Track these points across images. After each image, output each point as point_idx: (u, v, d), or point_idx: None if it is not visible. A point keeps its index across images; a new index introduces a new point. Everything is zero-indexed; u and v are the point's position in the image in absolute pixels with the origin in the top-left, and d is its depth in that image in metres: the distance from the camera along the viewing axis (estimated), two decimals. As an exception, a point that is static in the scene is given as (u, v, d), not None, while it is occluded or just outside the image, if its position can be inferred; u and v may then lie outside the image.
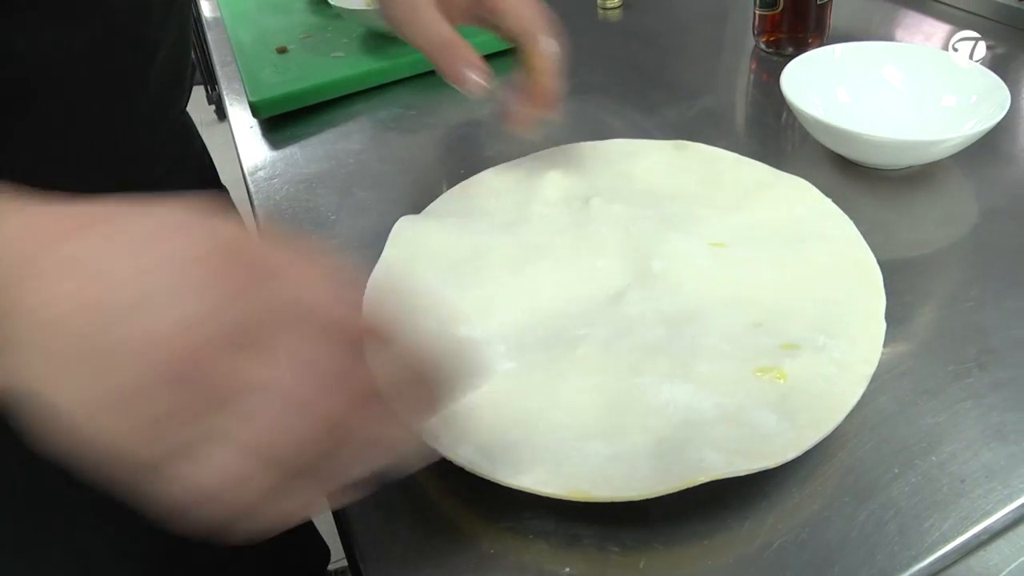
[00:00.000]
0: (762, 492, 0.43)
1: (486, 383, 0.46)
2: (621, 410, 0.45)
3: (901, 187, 0.64)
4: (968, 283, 0.55)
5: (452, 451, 0.43)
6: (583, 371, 0.47)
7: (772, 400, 0.44)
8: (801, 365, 0.46)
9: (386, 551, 0.43)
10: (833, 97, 0.70)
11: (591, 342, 0.49)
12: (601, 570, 0.41)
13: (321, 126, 0.82)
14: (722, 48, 0.94)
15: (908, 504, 0.42)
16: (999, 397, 0.47)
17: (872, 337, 0.46)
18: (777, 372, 0.46)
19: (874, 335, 0.46)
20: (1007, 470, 0.43)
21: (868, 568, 0.39)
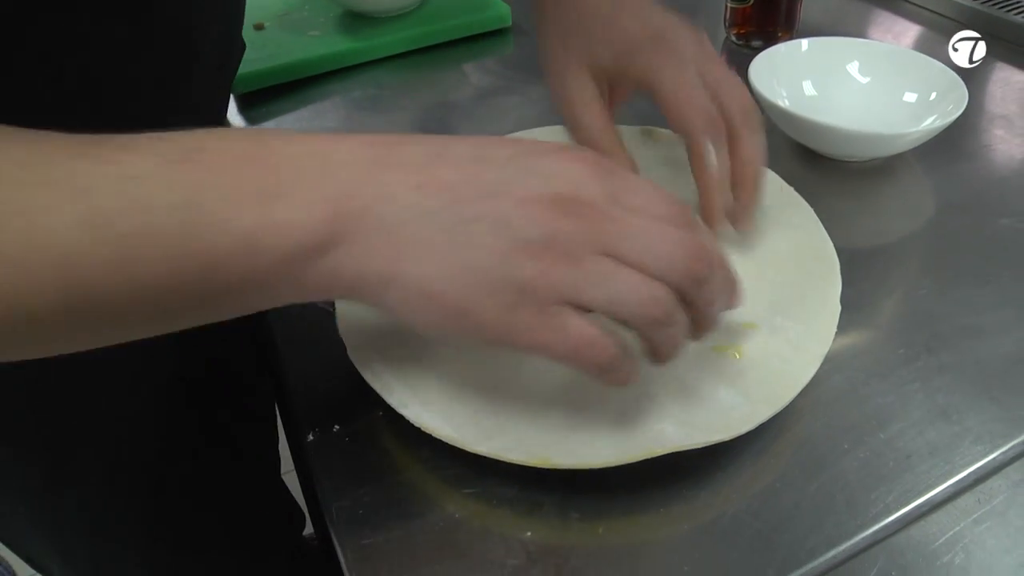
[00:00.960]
0: (717, 464, 0.45)
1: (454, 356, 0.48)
2: (582, 384, 0.46)
3: (862, 179, 0.66)
4: (922, 273, 0.57)
5: (419, 419, 0.44)
6: None
7: (729, 376, 0.46)
8: (758, 344, 0.48)
9: (354, 514, 0.44)
10: (799, 90, 0.72)
11: None
12: (561, 535, 0.42)
13: (296, 104, 0.83)
14: (694, 40, 0.95)
15: (856, 477, 0.44)
16: (945, 380, 0.49)
17: (827, 320, 0.48)
18: (735, 350, 0.47)
19: (829, 318, 0.48)
20: (949, 448, 0.45)
21: (816, 536, 0.41)
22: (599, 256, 0.36)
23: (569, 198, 0.36)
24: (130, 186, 0.32)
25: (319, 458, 0.47)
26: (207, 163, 0.34)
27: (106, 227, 0.31)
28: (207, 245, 0.33)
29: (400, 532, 0.43)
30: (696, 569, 0.40)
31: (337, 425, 0.49)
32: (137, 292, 0.33)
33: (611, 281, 0.36)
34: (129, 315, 0.34)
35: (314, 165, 0.35)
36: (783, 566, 0.40)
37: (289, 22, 0.92)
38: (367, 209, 0.35)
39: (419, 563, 0.42)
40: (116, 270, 0.32)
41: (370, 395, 0.46)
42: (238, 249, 0.34)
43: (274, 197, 0.34)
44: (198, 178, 0.33)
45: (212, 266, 0.34)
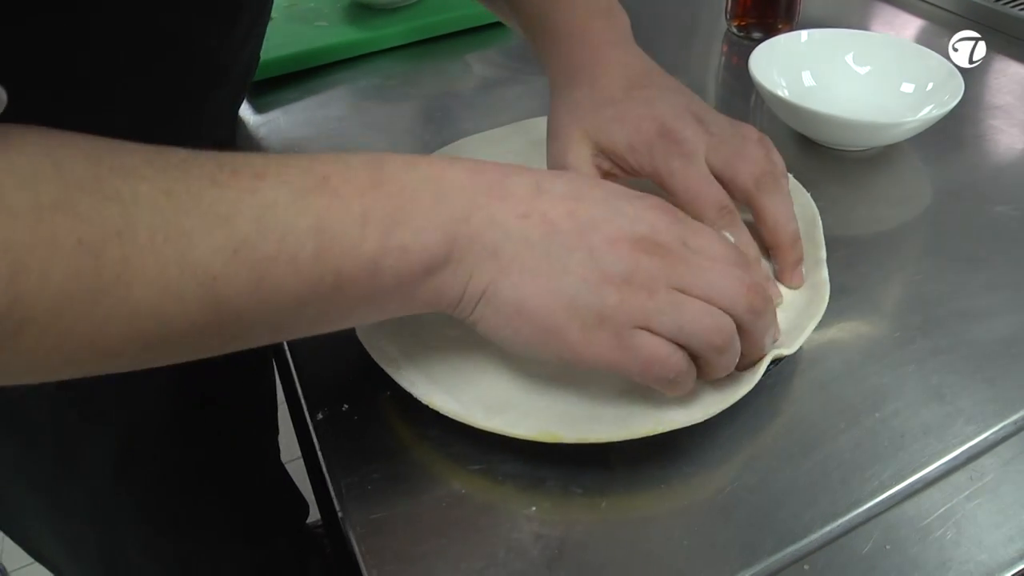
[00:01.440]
0: (716, 443, 0.46)
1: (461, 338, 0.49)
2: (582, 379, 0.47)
3: (861, 168, 0.67)
4: (918, 258, 0.58)
5: (427, 397, 0.45)
6: None
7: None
8: None
9: (362, 490, 0.45)
10: (799, 80, 0.73)
11: None
12: (564, 510, 0.44)
13: (304, 92, 0.84)
14: (694, 30, 0.96)
15: (851, 456, 0.45)
16: (939, 362, 0.50)
17: (816, 298, 0.49)
18: None
19: (818, 300, 0.49)
20: (942, 427, 0.46)
21: (812, 511, 0.42)
22: (670, 289, 0.41)
23: (648, 239, 0.42)
24: (267, 213, 0.35)
25: (328, 436, 0.48)
26: (334, 191, 0.37)
27: (247, 252, 0.34)
28: (336, 268, 0.37)
29: (407, 507, 0.44)
30: (695, 543, 0.41)
31: (346, 405, 0.50)
32: (270, 308, 0.36)
33: (680, 311, 0.41)
34: (258, 329, 0.38)
35: (429, 191, 0.40)
36: (780, 540, 0.41)
37: (296, 13, 0.93)
38: (477, 234, 0.40)
39: (426, 537, 0.43)
40: (254, 291, 0.35)
41: (378, 376, 0.48)
42: (363, 271, 0.37)
43: (396, 224, 0.38)
44: (327, 205, 0.37)
45: (338, 287, 0.37)
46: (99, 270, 0.31)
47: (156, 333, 0.34)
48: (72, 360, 0.33)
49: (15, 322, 0.29)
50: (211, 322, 0.35)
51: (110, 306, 0.32)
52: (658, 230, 0.42)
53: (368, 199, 0.38)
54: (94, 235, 0.30)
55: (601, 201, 0.43)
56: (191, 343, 0.36)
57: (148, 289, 0.32)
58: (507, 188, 0.41)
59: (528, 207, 0.41)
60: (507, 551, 0.42)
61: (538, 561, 0.41)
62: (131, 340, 0.33)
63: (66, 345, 0.32)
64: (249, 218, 0.34)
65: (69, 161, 0.31)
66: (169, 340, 0.34)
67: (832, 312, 0.52)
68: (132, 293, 0.32)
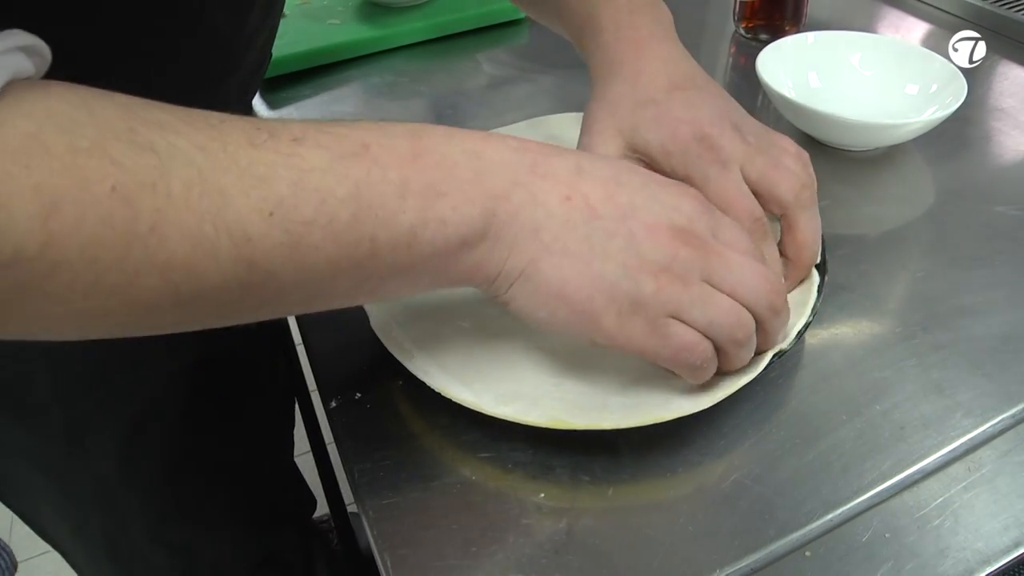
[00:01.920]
0: (720, 433, 0.47)
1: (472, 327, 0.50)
2: (595, 355, 0.48)
3: (865, 167, 0.68)
4: (920, 257, 0.59)
5: (440, 386, 0.47)
6: None
7: None
8: None
9: (374, 476, 0.46)
10: (805, 81, 0.74)
11: None
12: (572, 496, 0.45)
13: (317, 89, 0.85)
14: (703, 32, 0.97)
15: (853, 447, 0.46)
16: (939, 357, 0.51)
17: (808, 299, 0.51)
18: None
19: (808, 297, 0.51)
20: (942, 420, 0.47)
21: (814, 500, 0.43)
22: (702, 282, 0.42)
23: (685, 228, 0.43)
24: (305, 178, 0.35)
25: (341, 424, 0.50)
26: (374, 159, 0.37)
27: (283, 214, 0.35)
28: (373, 235, 0.37)
29: (418, 493, 0.45)
30: (700, 529, 0.43)
31: (359, 393, 0.51)
32: (304, 273, 0.36)
33: (710, 305, 0.42)
34: (291, 294, 0.38)
35: (470, 164, 0.40)
36: (783, 528, 0.42)
37: (309, 10, 0.94)
38: (518, 212, 0.40)
39: (436, 521, 0.44)
40: (289, 253, 0.35)
41: (390, 365, 0.49)
42: (400, 241, 0.38)
43: (436, 195, 0.38)
44: (366, 172, 0.37)
45: (374, 254, 0.37)
46: (133, 219, 0.31)
47: (189, 288, 0.34)
48: (105, 311, 0.33)
49: (48, 263, 0.30)
50: (244, 282, 0.35)
51: (143, 256, 0.32)
52: (693, 220, 0.43)
53: (408, 169, 0.38)
54: (129, 183, 0.31)
55: (640, 187, 0.43)
56: (224, 303, 0.36)
57: (182, 243, 0.32)
58: (550, 167, 0.42)
59: (571, 189, 0.42)
60: (516, 536, 0.43)
61: (546, 546, 0.42)
62: (163, 294, 0.33)
63: (98, 293, 0.32)
64: (287, 181, 0.35)
65: (105, 111, 0.32)
66: (202, 297, 0.35)
67: (835, 308, 0.54)
68: (165, 245, 0.32)
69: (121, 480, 0.68)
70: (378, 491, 0.46)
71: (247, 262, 0.34)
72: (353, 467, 0.47)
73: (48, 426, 0.62)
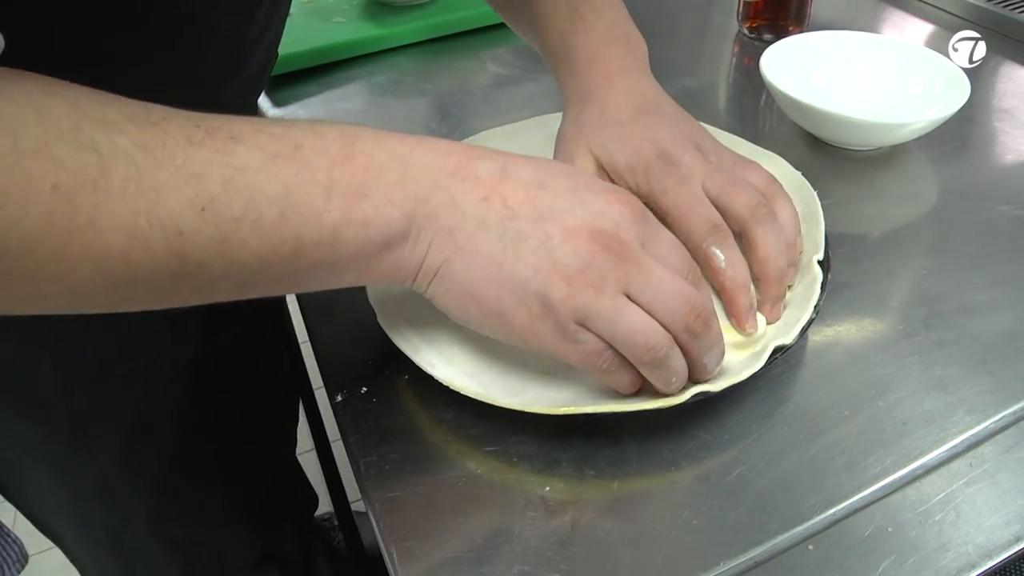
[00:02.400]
0: (724, 427, 0.47)
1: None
2: None
3: (868, 167, 0.69)
4: (923, 255, 0.59)
5: (447, 378, 0.47)
6: None
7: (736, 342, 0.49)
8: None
9: (380, 469, 0.47)
10: (809, 81, 0.74)
11: None
12: (578, 490, 0.45)
13: (322, 87, 0.85)
14: (707, 32, 0.98)
15: (855, 442, 0.46)
16: (942, 354, 0.51)
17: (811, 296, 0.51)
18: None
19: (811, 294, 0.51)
20: (944, 416, 0.47)
21: (817, 494, 0.44)
22: (618, 293, 0.42)
23: (607, 233, 0.42)
24: (237, 175, 0.37)
25: (348, 417, 0.50)
26: (304, 160, 0.39)
27: (214, 210, 0.36)
28: (298, 233, 0.38)
29: (424, 486, 0.46)
30: (704, 523, 0.43)
31: (364, 387, 0.51)
32: (232, 267, 0.38)
33: (620, 319, 0.42)
34: (221, 283, 0.39)
35: (395, 168, 0.41)
36: (786, 522, 0.43)
37: (315, 9, 0.95)
38: (436, 213, 0.41)
39: (443, 514, 0.44)
40: (218, 247, 0.37)
41: (396, 359, 0.49)
42: (324, 239, 0.39)
43: (360, 197, 0.40)
44: (296, 173, 0.38)
45: (299, 251, 0.39)
46: (72, 214, 0.33)
47: (123, 276, 0.36)
48: (43, 295, 0.35)
49: None
50: (176, 272, 0.37)
51: (81, 248, 0.34)
52: (620, 226, 0.43)
53: (336, 171, 0.39)
54: (69, 181, 0.33)
55: (565, 191, 0.43)
56: (157, 290, 0.38)
57: (117, 236, 0.34)
58: (472, 170, 0.43)
59: (490, 190, 0.42)
60: (522, 529, 0.43)
61: (552, 539, 0.43)
62: (99, 282, 0.35)
63: (36, 279, 0.34)
64: (219, 179, 0.36)
65: (51, 110, 0.33)
66: (135, 284, 0.36)
67: (839, 306, 0.54)
68: (101, 238, 0.34)
69: (123, 474, 0.68)
70: (384, 484, 0.46)
71: (179, 254, 0.36)
72: (359, 460, 0.47)
73: (52, 420, 0.62)
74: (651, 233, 0.45)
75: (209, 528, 0.79)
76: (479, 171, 0.43)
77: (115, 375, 0.62)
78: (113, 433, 0.65)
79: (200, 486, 0.75)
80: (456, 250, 0.42)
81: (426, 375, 0.47)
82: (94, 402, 0.62)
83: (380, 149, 0.41)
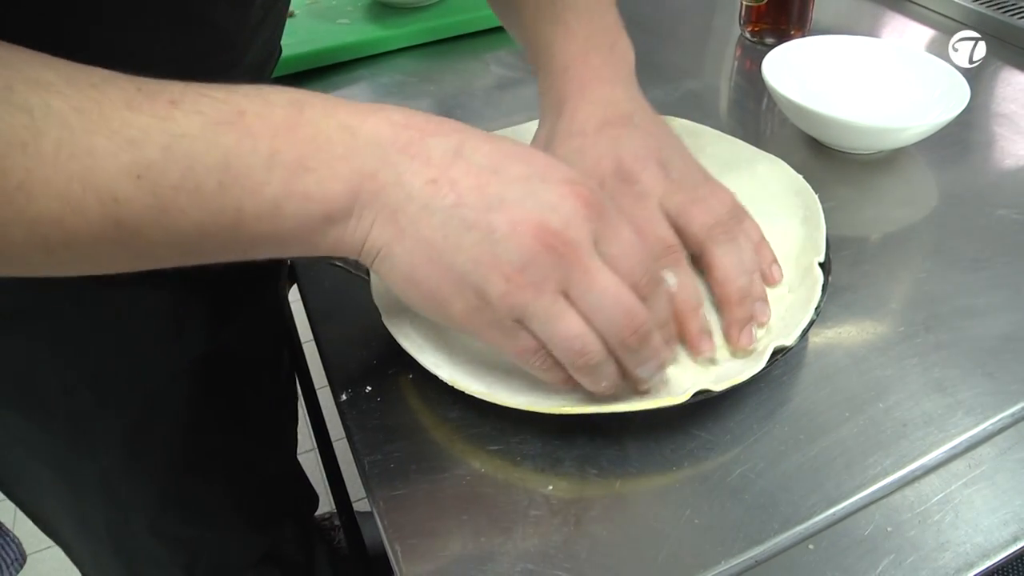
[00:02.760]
0: (726, 428, 0.48)
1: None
2: None
3: (869, 171, 0.69)
4: (923, 258, 0.60)
5: (452, 379, 0.47)
6: None
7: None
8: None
9: (385, 468, 0.47)
10: (810, 85, 0.75)
11: None
12: (580, 488, 0.45)
13: (326, 88, 0.86)
14: (709, 35, 0.98)
15: (855, 443, 0.47)
16: (941, 356, 0.52)
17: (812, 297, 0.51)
18: None
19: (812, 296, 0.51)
20: (943, 417, 0.48)
21: (817, 495, 0.44)
22: (557, 294, 0.41)
23: (556, 232, 0.40)
24: (176, 143, 0.36)
25: (352, 416, 0.50)
26: (247, 128, 0.37)
27: (151, 178, 0.36)
28: (238, 204, 0.38)
29: (428, 485, 0.46)
30: (706, 522, 0.43)
31: (369, 387, 0.52)
32: (172, 235, 0.38)
33: (555, 323, 0.41)
34: (162, 249, 0.39)
35: (343, 140, 0.39)
36: (786, 521, 0.43)
37: (319, 10, 0.95)
38: (381, 190, 0.40)
39: (446, 512, 0.45)
40: (156, 215, 0.36)
41: (400, 359, 0.50)
42: (265, 212, 0.38)
43: (303, 170, 0.38)
44: (237, 141, 0.37)
45: (239, 222, 0.38)
46: (2, 176, 0.33)
47: (59, 241, 0.35)
48: None
49: None
50: (114, 239, 0.36)
51: (12, 212, 0.34)
52: (570, 224, 0.40)
53: (279, 141, 0.38)
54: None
55: (519, 179, 0.41)
56: (95, 256, 0.38)
57: (50, 201, 0.34)
58: (424, 147, 0.40)
59: (439, 172, 0.40)
60: (525, 527, 0.44)
61: (555, 537, 0.43)
62: (33, 245, 0.35)
63: None
64: (158, 145, 0.35)
65: None
66: (72, 249, 0.36)
67: (839, 308, 0.55)
68: (34, 202, 0.34)
69: (125, 473, 0.68)
70: (388, 483, 0.46)
71: (115, 220, 0.36)
72: (364, 459, 0.48)
73: (54, 418, 0.63)
74: (607, 229, 0.42)
75: (211, 527, 0.79)
76: (431, 149, 0.40)
77: (117, 374, 0.63)
78: (115, 431, 0.65)
79: (202, 485, 0.75)
80: (398, 232, 0.40)
81: (430, 375, 0.48)
82: (96, 401, 0.63)
83: (329, 118, 0.40)
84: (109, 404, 0.64)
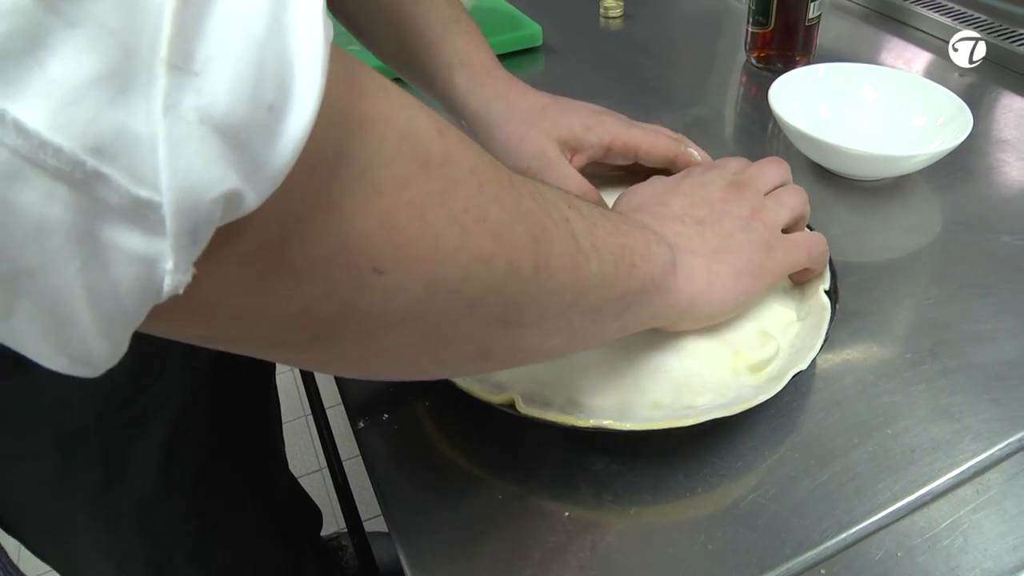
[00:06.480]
0: (738, 454, 0.49)
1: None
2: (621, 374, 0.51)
3: (874, 197, 0.71)
4: (929, 284, 0.61)
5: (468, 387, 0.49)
6: None
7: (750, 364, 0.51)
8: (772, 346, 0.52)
9: (403, 495, 0.48)
10: (816, 112, 0.76)
11: None
12: (596, 515, 0.46)
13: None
14: (715, 61, 1.00)
15: (865, 469, 0.48)
16: (948, 382, 0.53)
17: (820, 323, 0.52)
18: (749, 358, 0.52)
19: (820, 322, 0.52)
20: (951, 443, 0.49)
21: (828, 520, 0.45)
22: (763, 197, 0.55)
23: (731, 182, 0.55)
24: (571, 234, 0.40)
25: (370, 444, 0.51)
26: (612, 227, 0.43)
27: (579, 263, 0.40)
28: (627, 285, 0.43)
29: (446, 511, 0.47)
30: (719, 548, 0.44)
31: (386, 414, 0.53)
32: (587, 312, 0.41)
33: (783, 203, 0.55)
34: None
35: (638, 223, 0.47)
36: (798, 546, 0.44)
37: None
38: (671, 243, 0.48)
39: (465, 539, 0.46)
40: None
41: (416, 385, 0.51)
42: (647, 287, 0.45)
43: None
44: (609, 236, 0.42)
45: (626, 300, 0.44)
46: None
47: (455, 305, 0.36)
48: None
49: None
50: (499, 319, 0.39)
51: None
52: (728, 178, 0.55)
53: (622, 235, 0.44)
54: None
55: (689, 189, 0.55)
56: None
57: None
58: (656, 211, 0.53)
59: (677, 214, 0.52)
60: (543, 553, 0.45)
61: (572, 563, 0.44)
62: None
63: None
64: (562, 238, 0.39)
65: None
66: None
67: (846, 335, 0.56)
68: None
69: (160, 500, 0.69)
70: (407, 510, 0.47)
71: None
72: (383, 487, 0.49)
73: (88, 452, 0.63)
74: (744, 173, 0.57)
75: (245, 550, 0.80)
76: (662, 210, 0.53)
77: (141, 394, 0.64)
78: (148, 455, 0.66)
79: (233, 507, 0.76)
80: (704, 258, 0.49)
81: (446, 402, 0.49)
82: (127, 423, 0.63)
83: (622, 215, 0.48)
84: (138, 426, 0.64)
